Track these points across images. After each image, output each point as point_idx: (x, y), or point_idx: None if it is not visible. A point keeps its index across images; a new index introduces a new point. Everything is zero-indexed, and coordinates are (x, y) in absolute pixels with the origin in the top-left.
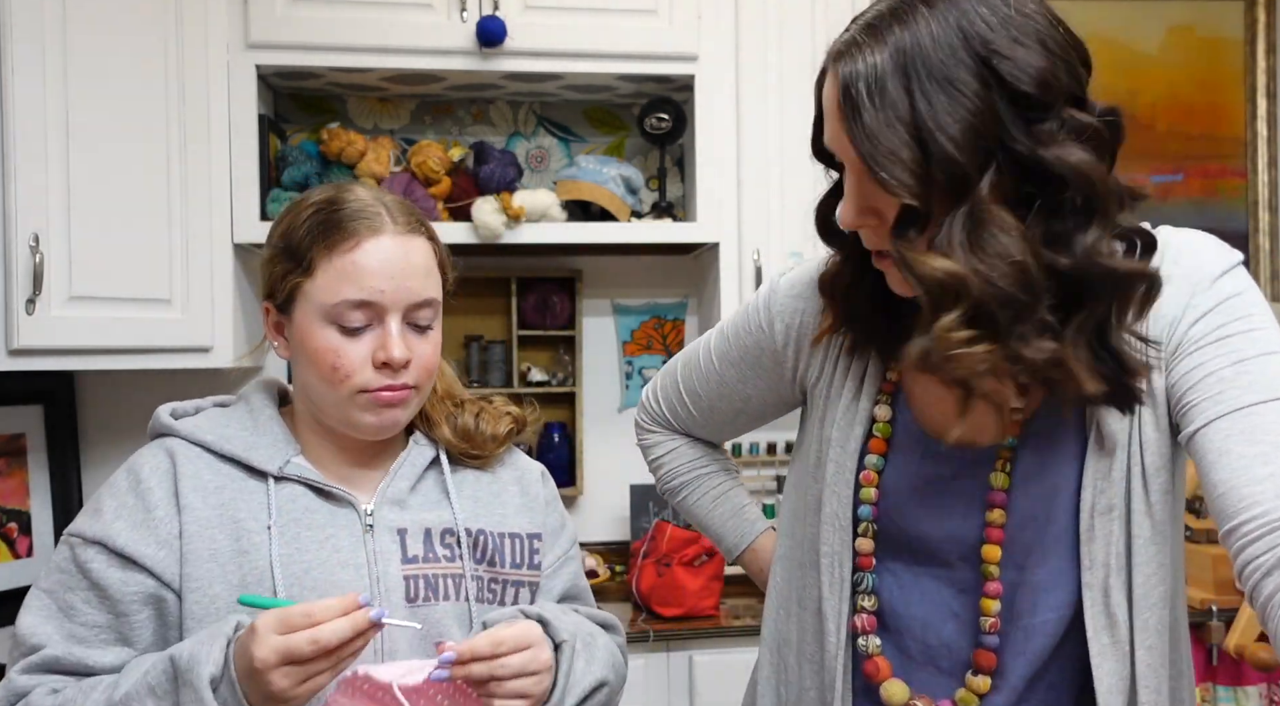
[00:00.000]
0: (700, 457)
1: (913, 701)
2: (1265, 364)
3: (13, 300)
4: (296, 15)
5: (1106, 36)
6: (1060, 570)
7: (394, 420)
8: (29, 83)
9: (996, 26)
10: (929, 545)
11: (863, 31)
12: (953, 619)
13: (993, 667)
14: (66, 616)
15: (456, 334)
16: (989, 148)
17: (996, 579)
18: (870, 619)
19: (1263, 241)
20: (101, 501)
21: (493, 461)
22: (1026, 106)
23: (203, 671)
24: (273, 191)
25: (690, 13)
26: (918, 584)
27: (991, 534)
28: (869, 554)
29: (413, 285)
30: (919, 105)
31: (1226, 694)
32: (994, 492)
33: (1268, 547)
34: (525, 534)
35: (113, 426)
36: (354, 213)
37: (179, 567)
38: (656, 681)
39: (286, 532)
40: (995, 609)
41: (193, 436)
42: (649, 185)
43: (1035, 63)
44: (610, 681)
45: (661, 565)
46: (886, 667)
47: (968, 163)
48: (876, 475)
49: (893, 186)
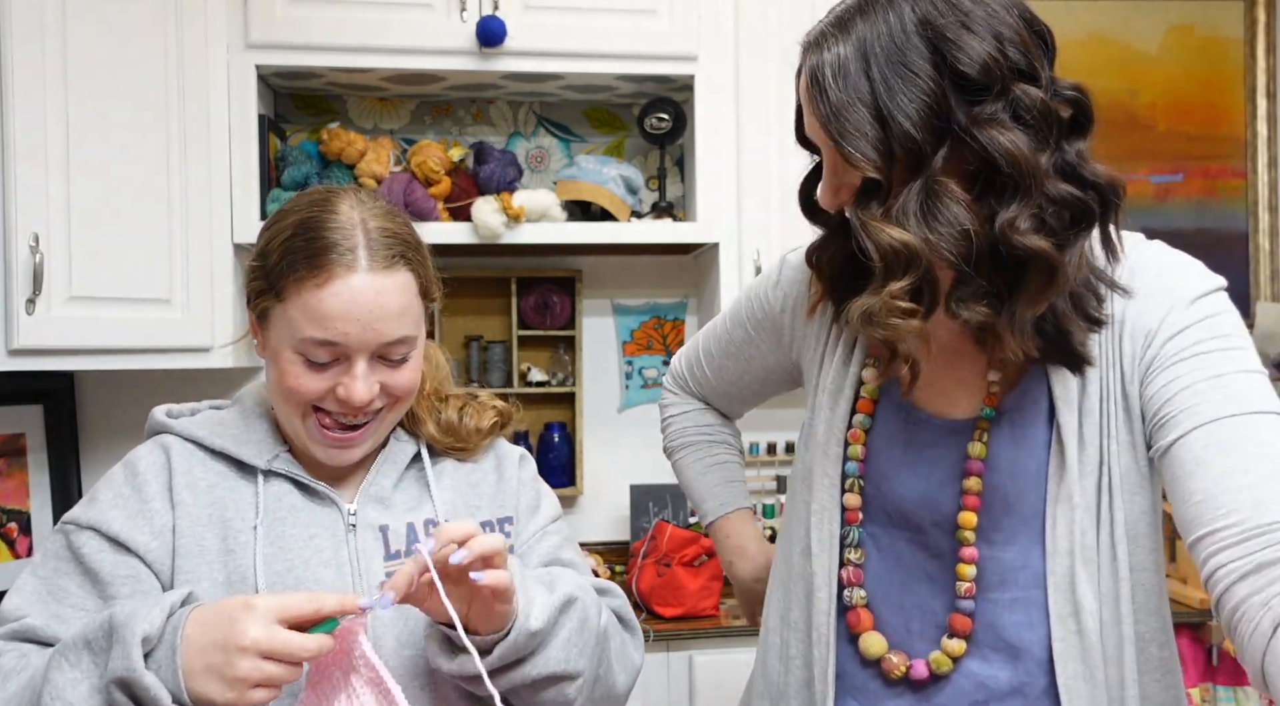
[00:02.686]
0: (710, 425)
1: (889, 655)
2: (1243, 380)
3: (13, 300)
4: (296, 15)
5: (1106, 36)
6: (1028, 552)
7: (348, 458)
8: (29, 83)
9: (947, 13)
10: (905, 509)
11: (832, 24)
12: (927, 582)
13: (968, 632)
14: (55, 598)
15: (456, 334)
16: (943, 127)
17: (973, 544)
18: (856, 571)
19: (1263, 241)
20: (98, 492)
21: (475, 452)
22: (970, 89)
23: (136, 628)
24: (273, 191)
25: (690, 13)
26: (894, 547)
27: (968, 501)
28: (856, 509)
29: (382, 328)
30: (878, 88)
31: (1226, 694)
32: (971, 461)
33: (1242, 554)
34: (495, 519)
35: (113, 426)
36: (328, 244)
37: (171, 559)
38: (656, 681)
39: (272, 531)
40: (971, 574)
41: (186, 433)
42: (649, 185)
43: (980, 48)
44: (579, 597)
45: (661, 565)
46: (868, 619)
47: (923, 140)
48: (864, 433)
49: (857, 160)
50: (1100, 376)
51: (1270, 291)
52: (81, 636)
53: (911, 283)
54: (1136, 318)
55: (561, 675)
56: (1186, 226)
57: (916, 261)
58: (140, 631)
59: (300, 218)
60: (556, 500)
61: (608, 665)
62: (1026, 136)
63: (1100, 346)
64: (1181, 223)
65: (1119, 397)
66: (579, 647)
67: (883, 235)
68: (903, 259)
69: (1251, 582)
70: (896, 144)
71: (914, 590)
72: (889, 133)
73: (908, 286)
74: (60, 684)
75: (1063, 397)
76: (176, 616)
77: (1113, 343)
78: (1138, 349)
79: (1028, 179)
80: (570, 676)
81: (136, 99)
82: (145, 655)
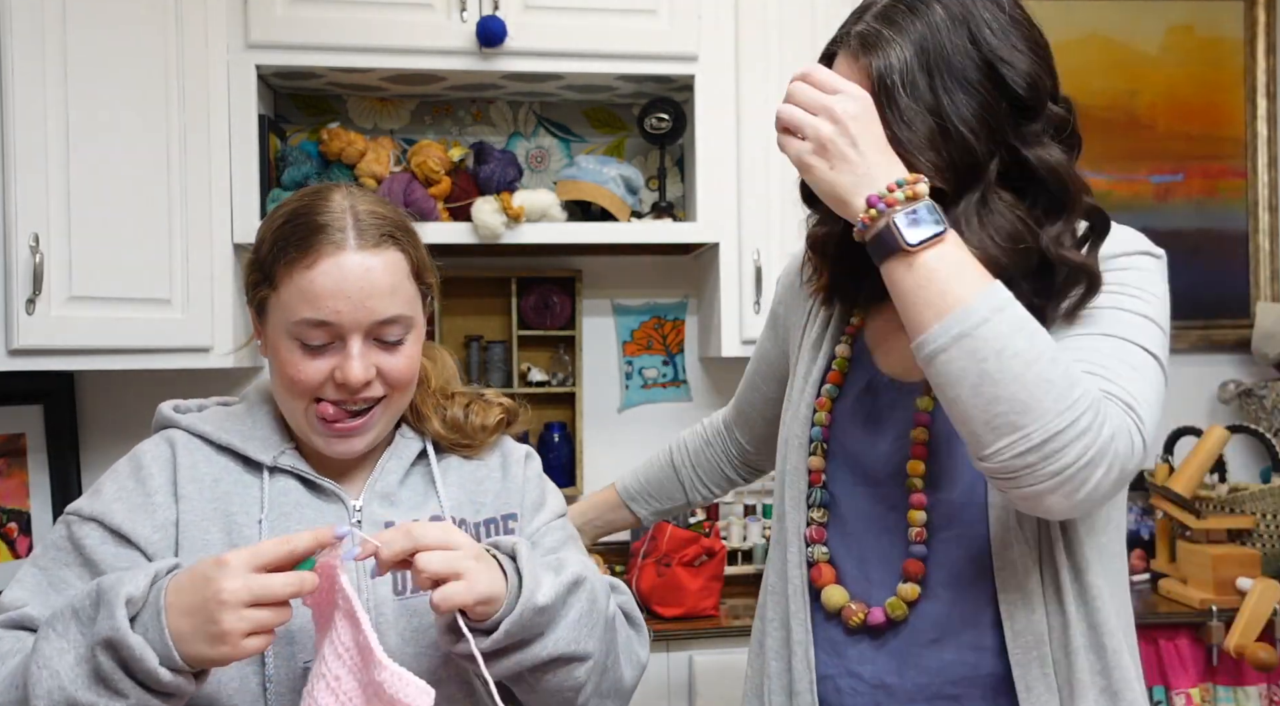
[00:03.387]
0: (691, 439)
1: (849, 605)
2: (1111, 314)
3: (13, 300)
4: (296, 15)
5: (1106, 36)
6: (973, 489)
7: (351, 449)
8: (29, 83)
9: (999, 32)
10: (867, 466)
11: (880, 21)
12: (886, 534)
13: (920, 575)
14: (54, 589)
15: (456, 334)
16: (995, 139)
17: (920, 491)
18: (819, 529)
19: (1263, 241)
20: (102, 484)
21: (481, 450)
22: (1019, 107)
23: (121, 591)
24: (273, 191)
25: (690, 13)
26: (857, 504)
27: (915, 450)
28: (819, 470)
29: (374, 305)
30: (942, 99)
31: (1226, 694)
32: (919, 414)
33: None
34: (500, 516)
35: (113, 426)
36: (317, 227)
37: (174, 553)
38: (657, 681)
39: (277, 527)
40: (921, 520)
41: (193, 428)
42: (649, 185)
43: (1027, 68)
44: (588, 578)
45: (661, 565)
46: (829, 573)
47: (980, 151)
48: (830, 401)
49: (926, 170)
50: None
51: (1270, 291)
52: (69, 606)
53: None
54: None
55: (571, 656)
56: (1186, 226)
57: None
58: (125, 593)
59: (292, 208)
60: (562, 498)
61: (615, 655)
62: (1063, 153)
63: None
64: (1181, 223)
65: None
66: (588, 628)
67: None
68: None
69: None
70: (956, 153)
71: (874, 543)
72: (950, 142)
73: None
74: (48, 653)
75: None
76: (160, 583)
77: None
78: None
79: (1072, 197)
80: (580, 657)
81: (136, 99)
82: (132, 619)
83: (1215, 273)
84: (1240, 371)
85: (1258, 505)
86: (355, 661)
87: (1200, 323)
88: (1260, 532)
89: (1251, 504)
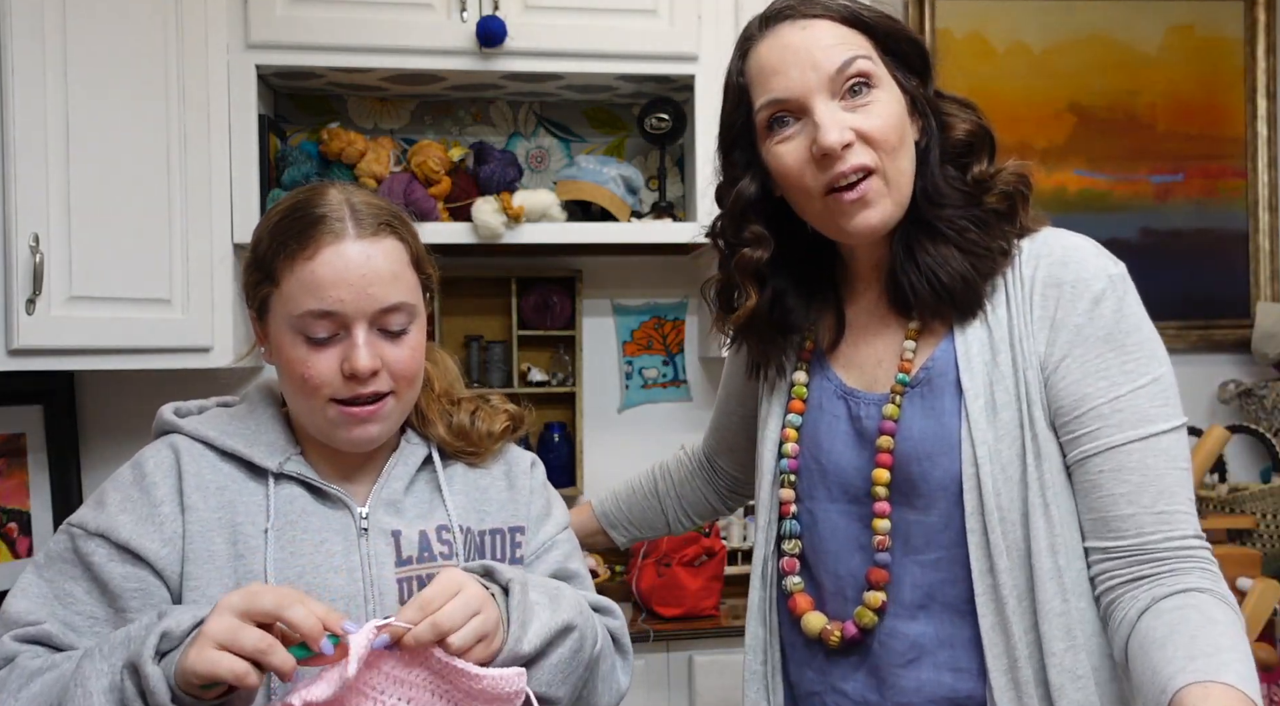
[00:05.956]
0: (676, 469)
1: (826, 626)
2: (1136, 399)
3: (13, 300)
4: (296, 15)
5: (1106, 36)
6: (950, 514)
7: (368, 436)
8: (29, 83)
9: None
10: (831, 479)
11: None
12: (859, 550)
13: (884, 583)
14: (62, 604)
15: (456, 334)
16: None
17: (885, 499)
18: (791, 561)
19: (1263, 241)
20: (106, 494)
21: (486, 457)
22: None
23: (165, 622)
24: (273, 191)
25: (690, 13)
26: (829, 519)
27: (881, 459)
28: (789, 501)
29: (376, 292)
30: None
31: None
32: (884, 422)
33: (1125, 566)
34: (507, 528)
35: (113, 426)
36: (315, 219)
37: (180, 566)
38: (656, 681)
39: (283, 535)
40: (885, 528)
41: (196, 433)
42: (649, 185)
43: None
44: (579, 625)
45: (661, 565)
46: (805, 603)
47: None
48: (795, 431)
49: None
50: (1011, 341)
51: (1270, 291)
52: (125, 631)
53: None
54: (1042, 304)
55: (540, 697)
56: (1186, 226)
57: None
58: (165, 626)
59: (288, 205)
60: (565, 507)
61: (591, 687)
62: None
63: (1011, 305)
64: (1181, 223)
65: (1037, 366)
66: (564, 675)
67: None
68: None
69: (1129, 587)
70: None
71: (846, 559)
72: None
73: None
74: (87, 672)
75: (965, 367)
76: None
77: (1024, 302)
78: (1042, 337)
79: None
80: (548, 700)
81: (136, 99)
82: (163, 653)
83: (1215, 273)
84: (1240, 371)
85: (1258, 505)
86: (440, 686)
87: (1200, 322)
88: (1260, 533)
89: (1251, 504)
